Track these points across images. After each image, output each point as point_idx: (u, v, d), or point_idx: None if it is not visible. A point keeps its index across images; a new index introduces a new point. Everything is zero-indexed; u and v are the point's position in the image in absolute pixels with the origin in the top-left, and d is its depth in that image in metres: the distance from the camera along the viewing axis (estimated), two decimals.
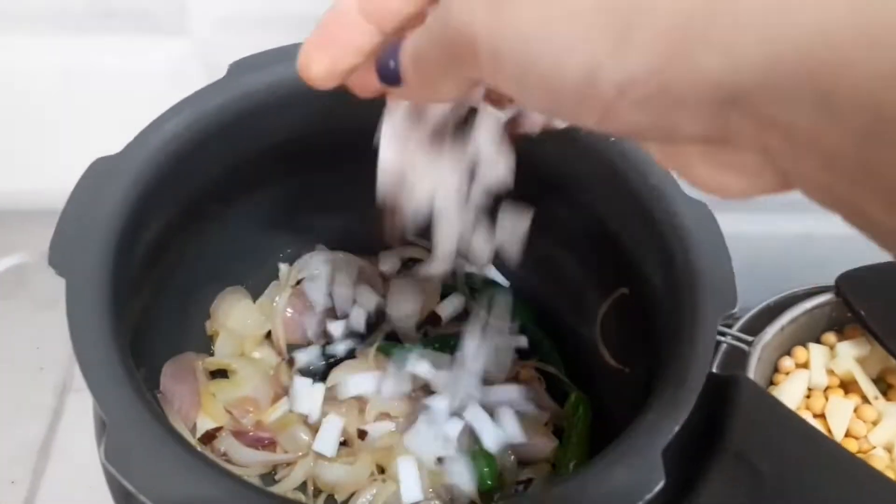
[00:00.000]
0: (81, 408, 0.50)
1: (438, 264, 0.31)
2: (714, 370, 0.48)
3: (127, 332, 0.30)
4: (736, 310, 0.32)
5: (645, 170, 0.36)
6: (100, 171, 0.33)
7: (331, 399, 0.43)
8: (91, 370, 0.27)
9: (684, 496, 0.29)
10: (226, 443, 0.41)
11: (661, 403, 0.29)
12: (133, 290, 0.34)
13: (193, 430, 0.42)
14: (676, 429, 0.28)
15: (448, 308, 0.49)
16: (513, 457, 0.43)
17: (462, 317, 0.49)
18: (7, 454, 0.48)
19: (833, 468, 0.31)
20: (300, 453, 0.42)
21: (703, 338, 0.30)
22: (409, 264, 0.51)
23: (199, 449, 0.38)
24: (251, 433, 0.42)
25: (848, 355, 0.61)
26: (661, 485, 0.27)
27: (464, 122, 0.29)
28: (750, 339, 0.60)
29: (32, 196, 0.59)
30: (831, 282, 0.61)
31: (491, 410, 0.43)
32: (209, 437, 0.41)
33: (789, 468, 0.30)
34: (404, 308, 0.47)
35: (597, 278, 0.45)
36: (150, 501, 0.24)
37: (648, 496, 0.26)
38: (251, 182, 0.43)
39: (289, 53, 0.38)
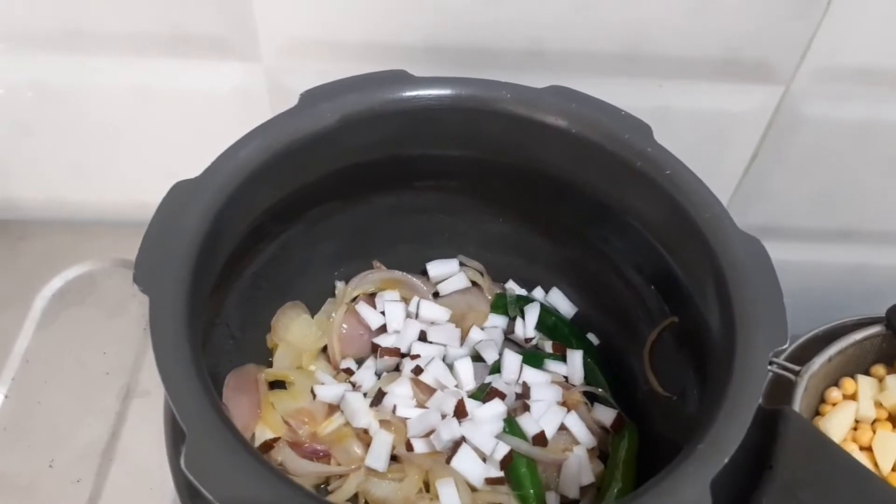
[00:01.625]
0: (144, 412, 0.52)
1: None
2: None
3: (200, 345, 0.32)
4: (786, 345, 0.32)
5: (700, 202, 0.37)
6: (180, 194, 0.35)
7: (381, 418, 0.45)
8: (172, 383, 0.29)
9: None
10: (283, 453, 0.43)
11: (711, 435, 0.30)
12: (205, 307, 0.36)
13: (252, 439, 0.43)
14: (725, 461, 0.29)
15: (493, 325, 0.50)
16: (559, 480, 0.44)
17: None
18: (73, 454, 0.50)
19: (876, 502, 0.31)
20: (353, 466, 0.43)
21: (753, 372, 0.31)
22: None
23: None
24: (307, 445, 0.43)
25: None
26: None
27: None
28: (797, 368, 0.60)
29: (103, 208, 0.63)
30: (882, 313, 0.61)
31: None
32: (267, 447, 0.43)
33: (834, 500, 0.31)
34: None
35: (648, 306, 0.45)
36: None
37: None
38: (314, 204, 0.45)
39: (356, 83, 0.40)
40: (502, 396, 0.44)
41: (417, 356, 0.47)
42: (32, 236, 0.61)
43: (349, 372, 0.47)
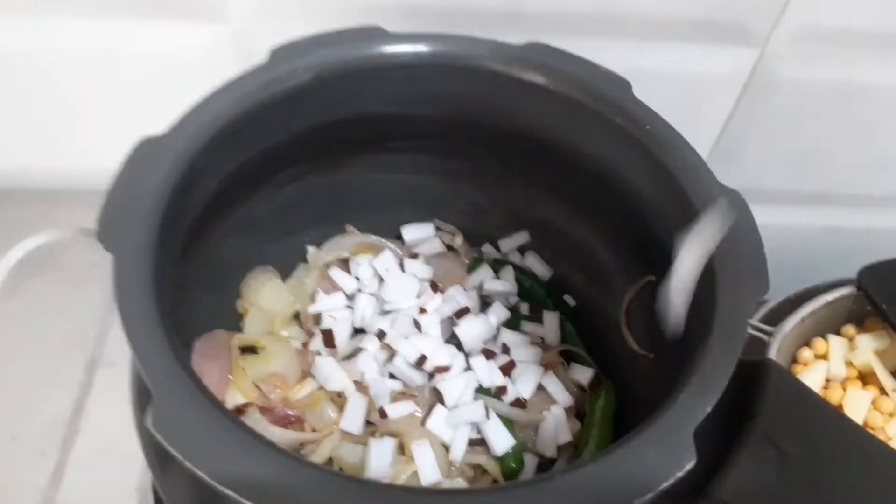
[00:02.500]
0: (110, 382, 0.51)
1: None
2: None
3: (167, 307, 0.31)
4: (767, 295, 0.32)
5: (680, 157, 0.37)
6: (145, 150, 0.33)
7: (356, 382, 0.44)
8: (137, 342, 0.28)
9: (713, 476, 0.30)
10: (253, 419, 0.42)
11: (694, 385, 0.29)
12: (172, 268, 0.35)
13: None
14: (708, 410, 0.29)
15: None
16: (536, 439, 0.43)
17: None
18: (37, 427, 0.49)
19: (858, 451, 0.32)
20: (327, 432, 0.42)
21: (736, 321, 0.31)
22: None
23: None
24: (279, 409, 0.42)
25: (867, 348, 0.61)
26: (691, 464, 0.27)
27: None
28: (770, 329, 0.61)
29: (64, 175, 0.60)
30: (852, 275, 0.62)
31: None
32: (238, 413, 0.42)
33: (816, 450, 0.31)
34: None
35: (625, 267, 0.45)
36: (195, 468, 0.25)
37: (679, 474, 0.27)
38: (285, 165, 0.44)
39: (329, 39, 0.38)
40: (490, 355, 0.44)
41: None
42: None
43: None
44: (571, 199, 0.46)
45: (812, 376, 0.60)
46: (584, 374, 0.46)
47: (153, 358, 0.27)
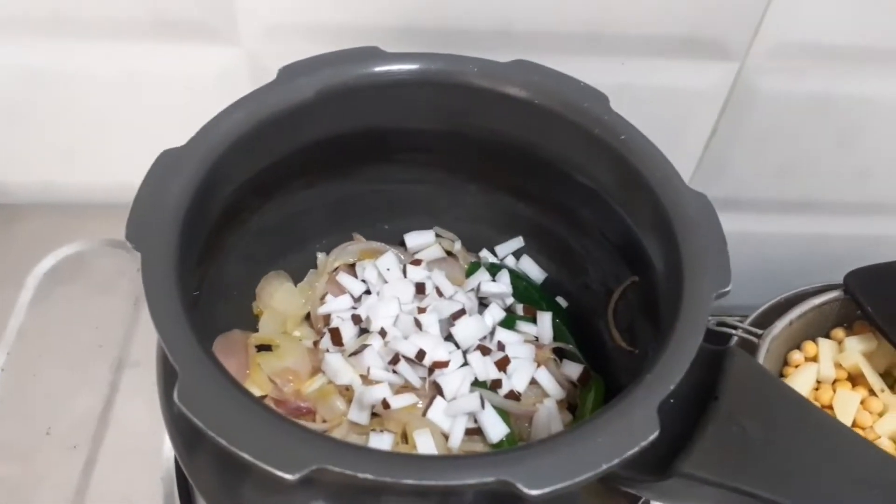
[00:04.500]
0: (136, 382, 0.55)
1: None
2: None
3: (189, 298, 0.35)
4: (729, 288, 0.35)
5: (652, 164, 0.40)
6: (167, 160, 0.37)
7: (362, 376, 0.47)
8: (164, 326, 0.31)
9: (680, 451, 0.33)
10: None
11: (659, 367, 0.33)
12: (192, 270, 0.38)
13: None
14: (672, 387, 0.32)
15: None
16: (530, 430, 0.46)
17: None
18: (70, 422, 0.52)
19: (816, 430, 0.34)
20: (336, 422, 0.46)
21: (698, 309, 0.34)
22: None
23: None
24: (292, 402, 0.46)
25: (855, 350, 0.63)
26: (654, 435, 0.30)
27: None
28: (760, 332, 0.63)
29: (90, 189, 0.65)
30: (840, 280, 0.64)
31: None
32: None
33: (777, 430, 0.34)
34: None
35: (612, 268, 0.48)
36: (218, 437, 0.28)
37: (643, 443, 0.30)
38: (294, 176, 0.47)
39: (331, 59, 0.42)
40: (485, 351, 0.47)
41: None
42: (23, 219, 0.63)
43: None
44: (559, 205, 0.49)
45: (802, 378, 0.62)
46: (574, 370, 0.49)
47: (178, 340, 0.31)
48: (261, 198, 0.46)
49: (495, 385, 0.47)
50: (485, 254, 0.55)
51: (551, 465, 0.29)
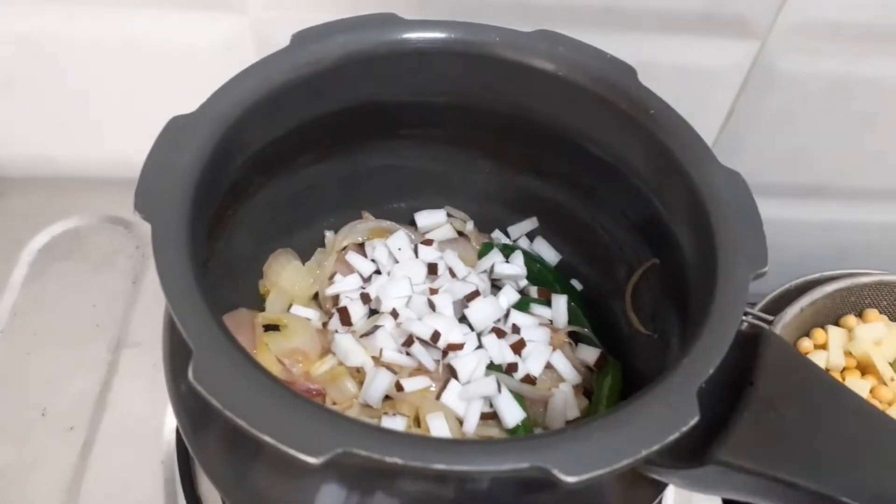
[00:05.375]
0: (135, 362, 0.53)
1: None
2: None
3: (200, 273, 0.33)
4: (766, 269, 0.34)
5: (682, 139, 0.39)
6: (177, 127, 0.35)
7: (373, 355, 0.46)
8: (177, 302, 0.29)
9: (715, 437, 0.31)
10: None
11: (697, 350, 0.31)
12: (201, 246, 0.37)
13: None
14: (711, 371, 0.30)
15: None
16: (545, 415, 0.45)
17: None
18: (67, 403, 0.51)
19: (853, 415, 0.33)
20: (347, 404, 0.44)
21: (736, 290, 0.33)
22: None
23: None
24: (301, 383, 0.44)
25: (866, 338, 0.62)
26: (695, 420, 0.29)
27: None
28: (770, 318, 0.62)
29: (87, 163, 0.63)
30: (851, 268, 0.63)
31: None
32: None
33: (815, 416, 0.32)
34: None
35: (631, 250, 0.47)
36: (235, 417, 0.27)
37: (684, 429, 0.29)
38: (304, 150, 0.46)
39: (348, 24, 0.40)
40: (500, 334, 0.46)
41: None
42: (17, 193, 0.61)
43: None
44: (578, 184, 0.48)
45: None
46: (590, 354, 0.48)
47: (192, 316, 0.29)
48: (269, 170, 0.45)
49: (510, 369, 0.45)
50: (497, 234, 0.54)
51: (588, 451, 0.27)
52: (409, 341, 0.45)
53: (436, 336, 0.44)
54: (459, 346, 0.45)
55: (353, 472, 0.32)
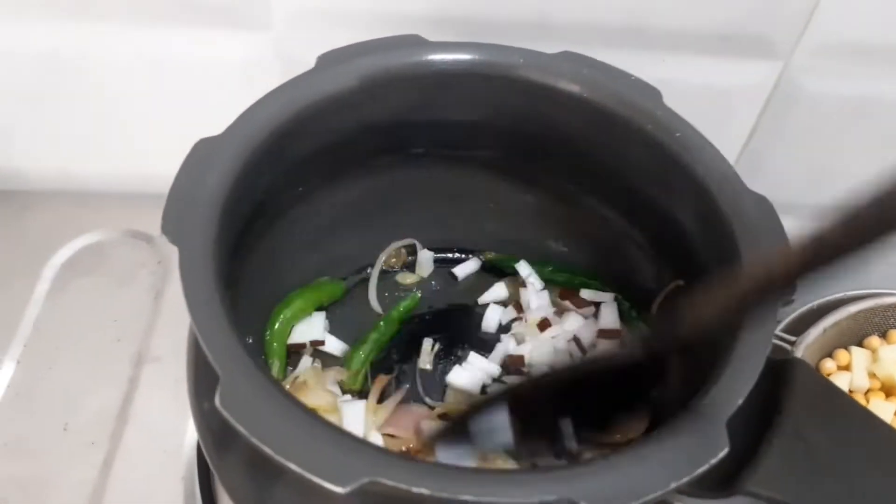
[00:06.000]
0: (157, 377, 0.53)
1: None
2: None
3: (227, 296, 0.33)
4: (795, 295, 0.34)
5: (710, 164, 0.38)
6: (203, 149, 0.35)
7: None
8: (204, 327, 0.29)
9: (744, 467, 0.31)
10: None
11: (725, 379, 0.31)
12: (230, 263, 0.37)
13: None
14: (740, 402, 0.30)
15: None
16: None
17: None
18: (87, 418, 0.51)
19: (885, 446, 0.33)
20: None
21: (764, 318, 0.32)
22: None
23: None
24: None
25: (890, 359, 0.62)
26: (724, 451, 0.28)
27: None
28: (793, 338, 0.61)
29: (111, 178, 0.63)
30: (875, 288, 0.62)
31: None
32: None
33: (844, 447, 0.32)
34: None
35: (657, 270, 0.47)
36: (262, 445, 0.26)
37: (713, 461, 0.28)
38: (332, 174, 0.46)
39: (373, 46, 0.41)
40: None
41: None
42: (39, 207, 0.61)
43: None
44: (609, 208, 0.47)
45: None
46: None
47: (219, 341, 0.29)
48: (297, 191, 0.45)
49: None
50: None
51: (618, 483, 0.27)
52: None
53: None
54: None
55: (377, 499, 0.32)
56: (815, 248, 0.27)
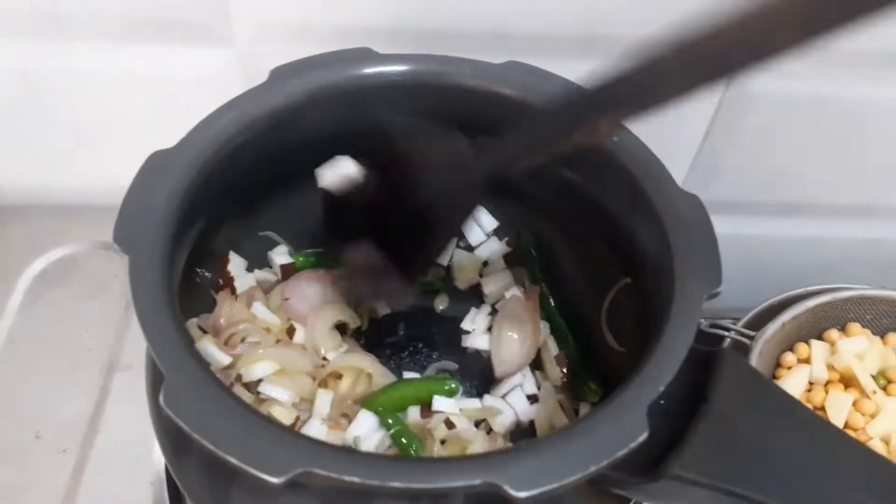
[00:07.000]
0: (127, 386, 0.54)
1: None
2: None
3: (176, 301, 0.34)
4: (720, 289, 0.35)
5: (644, 166, 0.40)
6: (157, 162, 0.37)
7: None
8: (151, 331, 0.31)
9: (670, 452, 0.32)
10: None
11: (649, 368, 0.32)
12: (181, 271, 0.38)
13: None
14: (661, 389, 0.31)
15: None
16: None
17: None
18: (59, 426, 0.52)
19: (809, 433, 0.34)
20: None
21: (688, 311, 0.34)
22: None
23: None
24: None
25: (848, 351, 0.63)
26: (644, 436, 0.30)
27: None
28: (752, 334, 0.63)
29: (81, 191, 0.64)
30: (833, 283, 0.64)
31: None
32: None
33: (768, 432, 0.34)
34: None
35: (605, 269, 0.48)
36: (202, 439, 0.28)
37: (633, 444, 0.30)
38: (283, 179, 0.47)
39: (323, 60, 0.42)
40: None
41: None
42: (13, 221, 0.63)
43: None
44: (550, 210, 0.49)
45: (795, 380, 0.62)
46: None
47: (164, 344, 0.30)
48: (248, 201, 0.46)
49: None
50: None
51: (538, 466, 0.29)
52: None
53: None
54: None
55: (324, 491, 0.33)
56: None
